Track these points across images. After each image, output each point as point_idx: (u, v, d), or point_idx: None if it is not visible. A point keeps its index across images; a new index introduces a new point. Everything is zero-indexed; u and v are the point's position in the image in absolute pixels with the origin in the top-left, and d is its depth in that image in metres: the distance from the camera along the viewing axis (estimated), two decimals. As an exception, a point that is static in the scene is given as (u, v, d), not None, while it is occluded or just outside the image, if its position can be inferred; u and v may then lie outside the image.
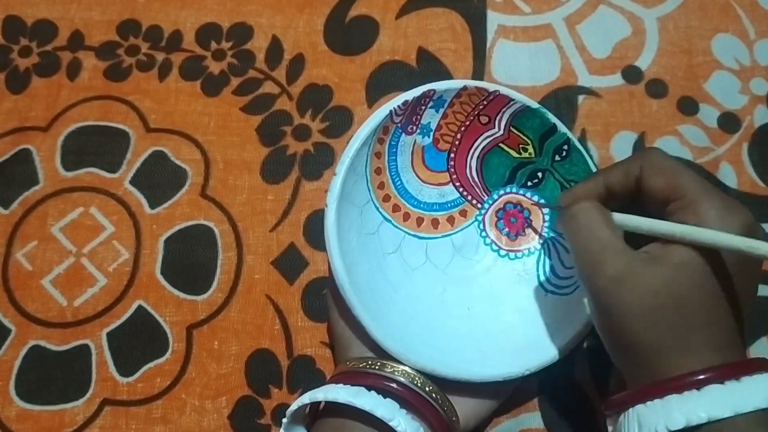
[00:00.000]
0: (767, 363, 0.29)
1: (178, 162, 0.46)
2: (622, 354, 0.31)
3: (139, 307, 0.42)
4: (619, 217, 0.33)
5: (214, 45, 0.50)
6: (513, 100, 0.38)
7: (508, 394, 0.38)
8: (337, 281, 0.35)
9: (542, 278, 0.40)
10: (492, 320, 0.39)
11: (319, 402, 0.34)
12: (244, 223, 0.44)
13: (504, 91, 0.38)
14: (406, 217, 0.40)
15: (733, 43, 0.50)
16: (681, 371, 0.28)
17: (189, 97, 0.48)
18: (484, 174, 0.41)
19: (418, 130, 0.39)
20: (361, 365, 0.34)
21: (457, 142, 0.40)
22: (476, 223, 0.41)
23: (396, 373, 0.33)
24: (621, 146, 0.46)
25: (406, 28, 0.50)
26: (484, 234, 0.41)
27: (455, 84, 0.38)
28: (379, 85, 0.48)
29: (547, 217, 0.41)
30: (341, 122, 0.47)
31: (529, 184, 0.41)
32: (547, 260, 0.41)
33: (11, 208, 0.45)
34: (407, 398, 0.33)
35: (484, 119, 0.39)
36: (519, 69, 0.49)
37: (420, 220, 0.40)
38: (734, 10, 0.51)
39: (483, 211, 0.41)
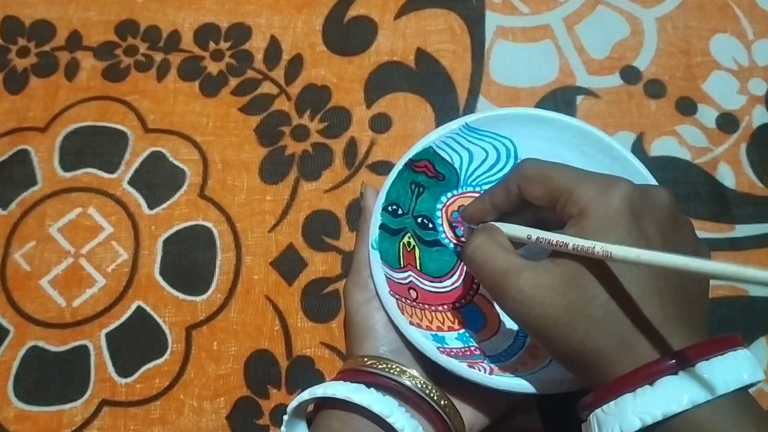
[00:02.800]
0: (723, 343, 0.27)
1: (176, 162, 0.46)
2: (572, 368, 0.30)
3: (138, 307, 0.42)
4: (508, 229, 0.33)
5: (212, 45, 0.50)
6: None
7: (519, 401, 0.37)
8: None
9: None
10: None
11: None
12: (242, 224, 0.44)
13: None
14: None
15: (731, 43, 0.50)
16: (627, 368, 0.27)
17: (187, 97, 0.48)
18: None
19: None
20: (375, 365, 0.34)
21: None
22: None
23: (403, 376, 0.33)
24: (619, 146, 0.46)
25: (404, 28, 0.50)
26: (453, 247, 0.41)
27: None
28: (378, 86, 0.48)
29: None
30: (340, 122, 0.47)
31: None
32: None
33: (9, 209, 0.45)
34: (411, 397, 0.33)
35: (412, 294, 0.39)
36: (517, 70, 0.49)
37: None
38: (733, 11, 0.51)
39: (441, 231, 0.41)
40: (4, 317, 0.42)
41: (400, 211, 0.39)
